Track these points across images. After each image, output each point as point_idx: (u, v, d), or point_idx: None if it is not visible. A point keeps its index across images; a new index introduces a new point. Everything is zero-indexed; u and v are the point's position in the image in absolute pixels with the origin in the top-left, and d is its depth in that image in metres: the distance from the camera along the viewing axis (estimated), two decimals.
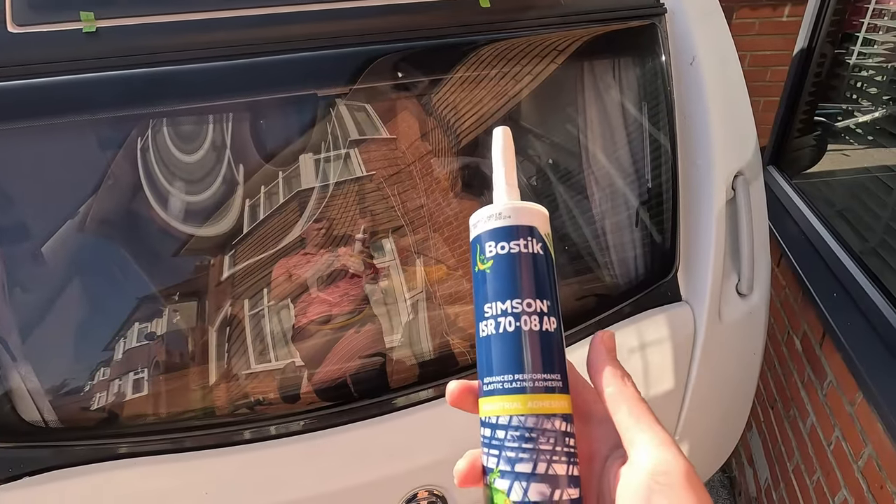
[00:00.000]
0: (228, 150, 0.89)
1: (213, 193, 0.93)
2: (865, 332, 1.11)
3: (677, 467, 0.26)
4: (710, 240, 0.95)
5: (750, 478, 1.65)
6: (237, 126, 0.88)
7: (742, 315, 1.01)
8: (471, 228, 0.34)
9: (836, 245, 1.32)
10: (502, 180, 0.35)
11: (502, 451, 0.29)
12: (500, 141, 0.36)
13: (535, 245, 0.32)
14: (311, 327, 1.00)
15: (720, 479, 1.86)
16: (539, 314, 0.31)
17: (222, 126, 0.86)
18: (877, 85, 1.54)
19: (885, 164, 1.40)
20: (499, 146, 0.36)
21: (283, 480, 0.83)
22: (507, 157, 0.35)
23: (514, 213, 0.33)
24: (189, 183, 0.91)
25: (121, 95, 0.74)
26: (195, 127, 0.85)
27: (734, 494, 1.81)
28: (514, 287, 0.31)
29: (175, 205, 0.92)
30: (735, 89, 0.97)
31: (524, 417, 0.29)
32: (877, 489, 0.98)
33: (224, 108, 0.83)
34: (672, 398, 1.00)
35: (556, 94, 1.06)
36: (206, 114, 0.83)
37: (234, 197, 0.95)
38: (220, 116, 0.85)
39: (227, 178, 0.92)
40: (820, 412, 1.22)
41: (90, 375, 0.87)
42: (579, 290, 1.06)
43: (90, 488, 0.78)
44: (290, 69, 0.79)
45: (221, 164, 0.90)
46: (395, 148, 1.06)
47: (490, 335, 0.31)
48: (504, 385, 0.30)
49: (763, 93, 2.24)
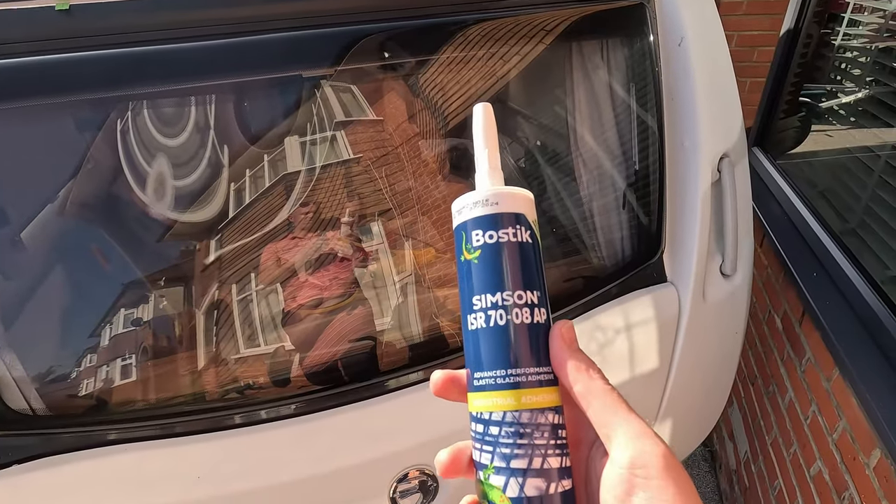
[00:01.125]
0: (212, 132, 0.87)
1: (197, 177, 0.91)
2: (843, 310, 1.14)
3: (654, 458, 0.26)
4: (696, 221, 0.96)
5: (730, 451, 1.70)
6: (220, 108, 0.86)
7: (725, 295, 1.03)
8: (454, 215, 0.33)
9: (817, 226, 1.35)
10: (485, 163, 0.33)
11: (497, 448, 0.29)
12: (482, 119, 0.33)
13: (524, 233, 0.31)
14: (301, 311, 1.00)
15: (702, 453, 1.92)
16: (530, 306, 0.30)
17: (205, 108, 0.84)
18: (860, 66, 1.56)
19: (866, 144, 1.42)
20: (480, 125, 0.33)
21: (276, 463, 0.84)
22: (489, 137, 0.33)
23: (502, 199, 0.31)
24: (172, 166, 0.89)
25: (96, 77, 0.72)
26: (177, 109, 0.83)
27: (715, 467, 1.87)
28: (504, 278, 0.30)
29: (158, 189, 0.90)
30: (722, 71, 0.98)
31: (518, 413, 0.28)
32: (850, 461, 1.02)
33: (206, 89, 0.81)
34: (656, 377, 1.02)
35: (544, 75, 1.05)
36: (187, 96, 0.81)
37: (219, 181, 0.93)
38: (202, 98, 0.83)
39: (211, 162, 0.90)
40: (798, 388, 1.26)
41: (77, 362, 0.87)
42: (567, 272, 1.07)
43: (80, 475, 0.78)
44: (273, 49, 0.77)
45: (205, 148, 0.89)
46: (381, 130, 1.05)
47: (480, 328, 0.30)
48: (497, 380, 0.29)
49: (750, 73, 2.25)
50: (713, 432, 1.88)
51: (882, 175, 1.28)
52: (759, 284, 1.55)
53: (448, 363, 0.93)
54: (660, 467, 0.26)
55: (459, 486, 0.92)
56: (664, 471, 0.25)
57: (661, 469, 0.26)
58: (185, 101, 0.83)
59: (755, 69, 2.23)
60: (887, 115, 1.30)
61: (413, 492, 0.91)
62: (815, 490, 1.15)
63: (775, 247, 1.41)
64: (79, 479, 0.79)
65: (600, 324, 0.97)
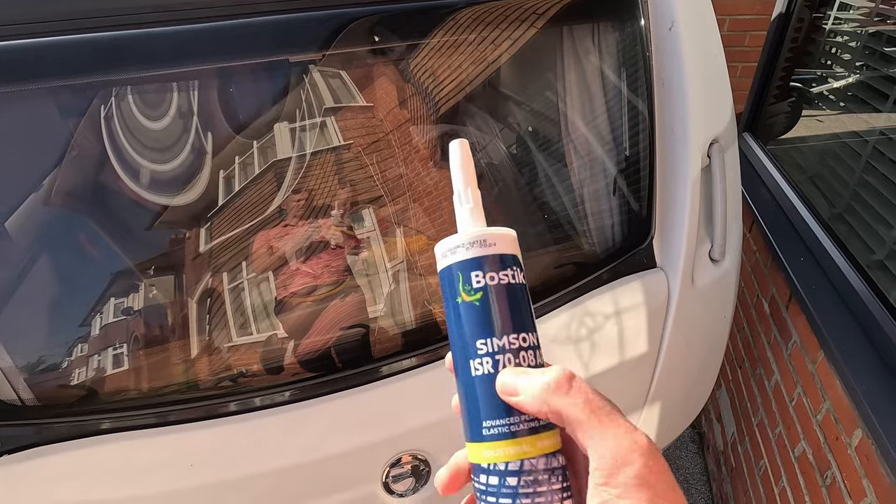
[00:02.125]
0: (198, 119, 0.86)
1: (184, 164, 0.90)
2: (829, 294, 1.16)
3: (633, 469, 0.25)
4: (685, 207, 0.97)
5: (718, 433, 1.74)
6: (208, 94, 0.84)
7: (714, 280, 1.04)
8: (442, 257, 0.31)
9: (805, 211, 1.36)
10: (468, 202, 0.32)
11: (517, 499, 0.27)
12: (459, 156, 0.33)
13: (520, 275, 0.30)
14: (294, 299, 1.00)
15: (690, 434, 1.96)
16: (532, 348, 0.29)
17: (189, 94, 0.83)
18: (851, 50, 1.56)
19: (855, 129, 1.43)
20: (457, 162, 0.33)
21: (270, 450, 0.85)
22: (469, 174, 0.33)
23: (499, 240, 0.30)
24: (159, 153, 0.88)
25: (76, 62, 0.70)
26: (162, 95, 0.82)
27: (703, 448, 1.91)
28: (510, 320, 0.29)
29: (145, 176, 0.89)
30: (713, 56, 0.97)
31: (536, 459, 0.27)
32: (833, 440, 1.05)
33: (190, 75, 0.80)
34: (645, 361, 1.04)
35: (535, 59, 1.04)
36: (172, 81, 0.80)
37: (208, 168, 0.92)
38: (188, 84, 0.82)
39: (198, 149, 0.89)
40: (784, 370, 1.28)
41: (67, 352, 0.86)
42: (558, 258, 1.07)
43: (73, 464, 0.78)
44: (259, 33, 0.76)
45: (192, 134, 0.87)
46: (372, 116, 1.04)
47: (487, 374, 0.29)
48: (511, 427, 0.28)
49: (741, 58, 2.25)
50: (701, 414, 1.91)
51: (870, 160, 1.29)
52: (747, 269, 1.57)
53: (441, 349, 0.94)
54: (631, 485, 0.25)
55: None
56: (636, 489, 0.25)
57: (636, 479, 0.25)
58: (171, 87, 0.82)
59: (747, 54, 2.23)
60: (876, 100, 1.31)
61: (406, 476, 0.92)
62: (799, 469, 1.18)
63: (764, 232, 1.42)
64: (72, 469, 0.79)
65: (590, 309, 0.98)
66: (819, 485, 1.09)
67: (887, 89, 1.26)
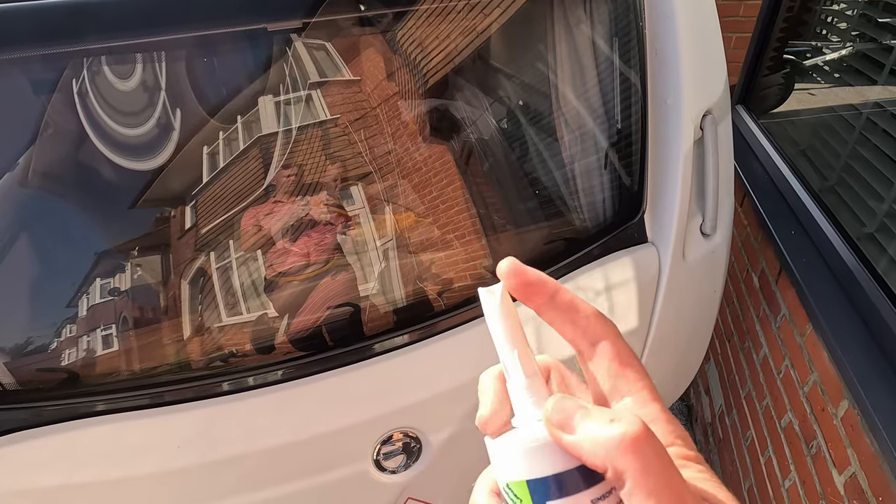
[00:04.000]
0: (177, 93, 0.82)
1: (166, 140, 0.88)
2: (819, 267, 1.17)
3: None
4: (677, 181, 0.96)
5: (706, 405, 1.77)
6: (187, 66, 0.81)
7: (705, 255, 1.04)
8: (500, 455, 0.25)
9: (797, 184, 1.36)
10: (525, 377, 0.25)
11: None
12: (498, 309, 0.25)
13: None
14: (285, 278, 0.99)
15: (679, 407, 2.00)
16: None
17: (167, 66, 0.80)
18: (847, 19, 1.53)
19: (849, 102, 1.41)
20: (497, 316, 0.25)
21: (261, 429, 0.85)
22: (517, 332, 0.26)
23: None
24: (137, 128, 0.85)
25: (42, 29, 0.66)
26: (137, 66, 0.79)
27: (691, 420, 1.95)
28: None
29: (125, 152, 0.86)
30: (708, 25, 0.95)
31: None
32: (819, 411, 1.07)
33: (163, 44, 0.76)
34: (636, 336, 1.04)
35: (526, 29, 1.01)
36: (146, 51, 0.76)
37: (190, 144, 0.89)
38: (165, 55, 0.78)
39: (180, 124, 0.86)
40: (772, 343, 1.30)
41: (52, 335, 0.85)
42: (549, 234, 1.06)
43: (64, 446, 0.78)
44: None
45: (172, 109, 0.84)
46: (359, 90, 1.01)
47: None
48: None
49: (736, 28, 2.21)
50: (690, 387, 1.95)
51: (863, 132, 1.28)
52: (738, 243, 1.57)
53: (431, 327, 0.93)
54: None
55: (442, 446, 0.94)
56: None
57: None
58: (148, 58, 0.79)
59: (742, 24, 2.19)
60: (871, 71, 1.29)
61: (397, 453, 0.93)
62: (786, 440, 1.20)
63: (755, 206, 1.42)
64: (64, 451, 0.78)
65: (581, 285, 0.97)
66: (804, 454, 1.11)
67: (883, 59, 1.25)
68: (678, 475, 0.22)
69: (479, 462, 0.26)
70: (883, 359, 0.94)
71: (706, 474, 0.25)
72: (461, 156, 1.07)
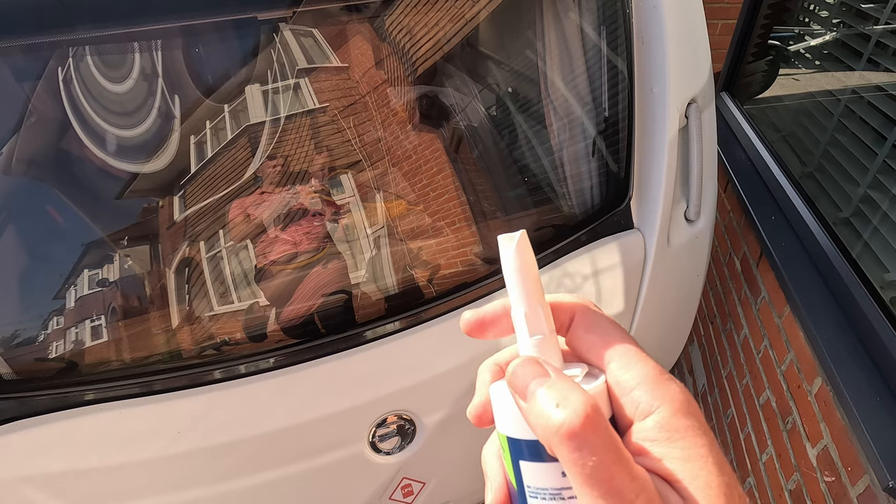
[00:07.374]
0: (164, 81, 0.82)
1: (152, 129, 0.87)
2: (797, 251, 1.21)
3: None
4: (662, 168, 0.98)
5: (689, 385, 1.83)
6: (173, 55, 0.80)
7: (689, 240, 1.07)
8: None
9: (778, 170, 1.39)
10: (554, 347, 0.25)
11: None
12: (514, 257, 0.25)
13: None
14: (275, 267, 0.99)
15: None
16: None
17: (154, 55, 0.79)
18: (828, 7, 1.56)
19: (828, 88, 1.44)
20: (514, 274, 0.25)
21: (256, 416, 0.86)
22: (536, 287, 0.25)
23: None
24: (125, 118, 0.84)
25: (30, 19, 0.66)
26: (123, 56, 0.78)
27: None
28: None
29: (111, 142, 0.86)
30: (693, 13, 0.96)
31: None
32: (795, 388, 1.11)
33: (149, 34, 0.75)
34: (622, 319, 1.07)
35: (515, 16, 1.02)
36: (130, 41, 0.76)
37: (178, 133, 0.89)
38: (152, 44, 0.77)
39: (166, 112, 0.86)
40: (752, 325, 1.34)
41: (42, 325, 0.85)
42: (538, 220, 1.08)
43: (59, 436, 0.79)
44: None
45: (159, 98, 0.84)
46: (347, 78, 1.01)
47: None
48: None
49: (721, 15, 2.22)
50: (674, 368, 2.00)
51: (841, 118, 1.31)
52: (721, 228, 1.61)
53: (422, 313, 0.95)
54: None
55: (435, 428, 0.97)
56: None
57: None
58: (135, 48, 0.78)
59: (727, 10, 2.21)
60: (851, 59, 1.32)
61: (392, 435, 0.95)
62: (763, 416, 1.25)
63: (738, 192, 1.45)
64: (58, 440, 0.79)
65: (568, 271, 0.99)
66: (781, 429, 1.16)
67: (861, 47, 1.27)
68: (622, 469, 0.22)
69: (471, 443, 0.28)
70: (854, 338, 0.99)
71: (688, 451, 0.24)
72: (451, 143, 1.07)
